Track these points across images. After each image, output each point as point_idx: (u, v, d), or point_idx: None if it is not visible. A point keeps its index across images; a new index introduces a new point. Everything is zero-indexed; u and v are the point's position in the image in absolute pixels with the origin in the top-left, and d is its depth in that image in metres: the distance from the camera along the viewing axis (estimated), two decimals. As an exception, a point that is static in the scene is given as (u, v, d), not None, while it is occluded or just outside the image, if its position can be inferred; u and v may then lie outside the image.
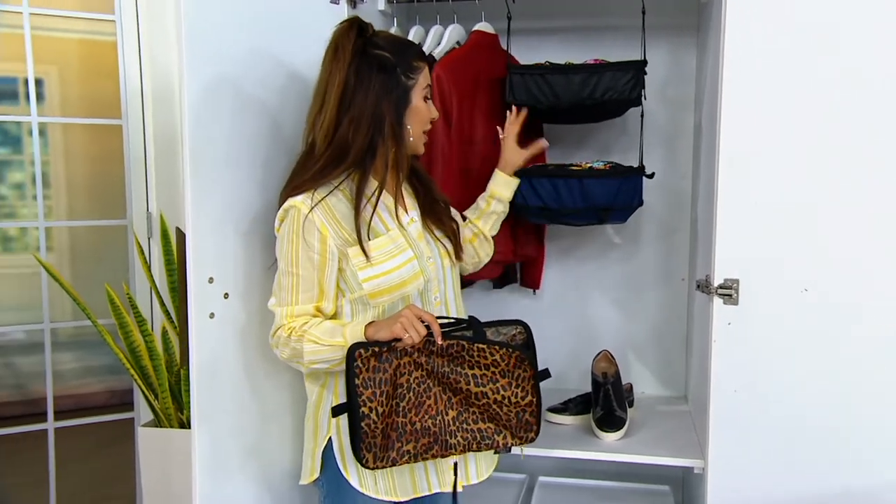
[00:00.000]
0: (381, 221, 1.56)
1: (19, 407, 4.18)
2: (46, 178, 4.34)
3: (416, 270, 1.55)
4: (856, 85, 1.62)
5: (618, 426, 1.96)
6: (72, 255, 4.29)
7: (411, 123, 1.57)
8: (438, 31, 2.07)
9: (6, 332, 4.28)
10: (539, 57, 2.12)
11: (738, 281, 1.70)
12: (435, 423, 1.50)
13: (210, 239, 1.56)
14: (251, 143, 1.64)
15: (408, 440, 1.47)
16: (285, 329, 1.51)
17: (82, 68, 4.08)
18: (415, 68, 1.56)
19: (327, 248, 1.49)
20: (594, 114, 2.02)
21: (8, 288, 4.35)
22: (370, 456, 1.44)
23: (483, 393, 1.52)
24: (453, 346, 1.49)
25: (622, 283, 2.37)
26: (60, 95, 4.25)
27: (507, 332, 1.59)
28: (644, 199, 2.25)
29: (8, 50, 2.78)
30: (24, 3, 2.68)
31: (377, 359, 1.44)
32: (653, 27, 2.17)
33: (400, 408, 1.46)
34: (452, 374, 1.50)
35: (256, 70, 1.65)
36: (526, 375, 1.54)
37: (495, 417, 1.54)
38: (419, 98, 1.57)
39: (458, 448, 1.52)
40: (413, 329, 1.44)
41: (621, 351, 2.36)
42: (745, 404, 1.72)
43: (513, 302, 2.43)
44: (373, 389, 1.43)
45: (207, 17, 1.53)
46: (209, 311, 1.57)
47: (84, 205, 4.18)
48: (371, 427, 1.43)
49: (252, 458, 1.68)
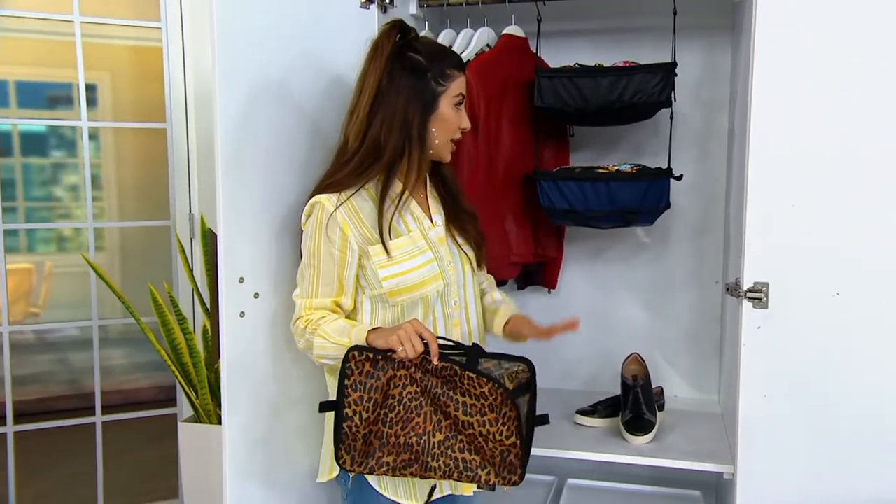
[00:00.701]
0: (404, 223, 1.59)
1: (73, 401, 4.32)
2: (99, 181, 4.49)
3: (436, 273, 1.57)
4: (891, 87, 1.58)
5: (646, 429, 1.95)
6: (122, 254, 4.42)
7: (437, 129, 1.58)
8: (468, 35, 2.09)
9: (60, 329, 4.44)
10: (569, 59, 2.13)
11: (767, 284, 1.68)
12: (419, 442, 1.46)
13: (241, 240, 1.60)
14: (284, 146, 1.68)
15: (388, 452, 1.46)
16: (303, 321, 1.55)
17: (133, 74, 4.21)
18: (447, 76, 1.57)
19: (348, 246, 1.53)
20: (623, 116, 2.01)
21: (64, 286, 4.51)
22: (348, 458, 1.46)
23: (470, 423, 1.45)
24: (447, 368, 1.45)
25: (653, 285, 2.36)
26: (112, 100, 4.39)
27: (509, 368, 1.50)
28: (676, 201, 2.24)
29: (63, 57, 2.88)
30: (74, 11, 2.77)
31: (372, 365, 1.44)
32: (687, 27, 2.15)
33: (388, 418, 1.46)
34: (444, 398, 1.45)
35: (288, 73, 1.68)
36: (511, 415, 1.43)
37: (481, 450, 1.46)
38: (448, 105, 1.58)
39: (437, 472, 1.47)
40: (409, 343, 1.43)
41: (653, 354, 2.34)
42: (774, 409, 1.69)
43: (541, 303, 2.44)
44: (361, 393, 1.44)
45: (238, 22, 1.56)
46: (239, 311, 1.61)
47: (134, 206, 4.31)
48: (352, 430, 1.45)
49: (280, 454, 1.72)
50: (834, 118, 1.61)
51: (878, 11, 1.57)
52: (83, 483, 2.88)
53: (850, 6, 1.59)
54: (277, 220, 1.67)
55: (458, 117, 1.60)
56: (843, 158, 1.62)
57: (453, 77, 1.58)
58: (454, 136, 1.61)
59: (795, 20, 1.61)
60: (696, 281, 2.31)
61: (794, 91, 1.63)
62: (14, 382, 4.45)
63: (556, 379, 2.42)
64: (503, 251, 2.05)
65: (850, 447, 1.66)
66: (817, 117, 1.62)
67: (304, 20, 1.72)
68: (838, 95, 1.61)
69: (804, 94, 1.62)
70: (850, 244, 1.63)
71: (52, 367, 4.57)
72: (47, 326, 4.56)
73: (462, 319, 1.65)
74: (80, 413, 2.96)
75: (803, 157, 1.64)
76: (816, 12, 1.60)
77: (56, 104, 4.52)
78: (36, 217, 4.58)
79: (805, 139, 1.63)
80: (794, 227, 1.65)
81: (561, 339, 2.39)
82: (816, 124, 1.62)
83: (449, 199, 1.69)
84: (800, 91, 1.62)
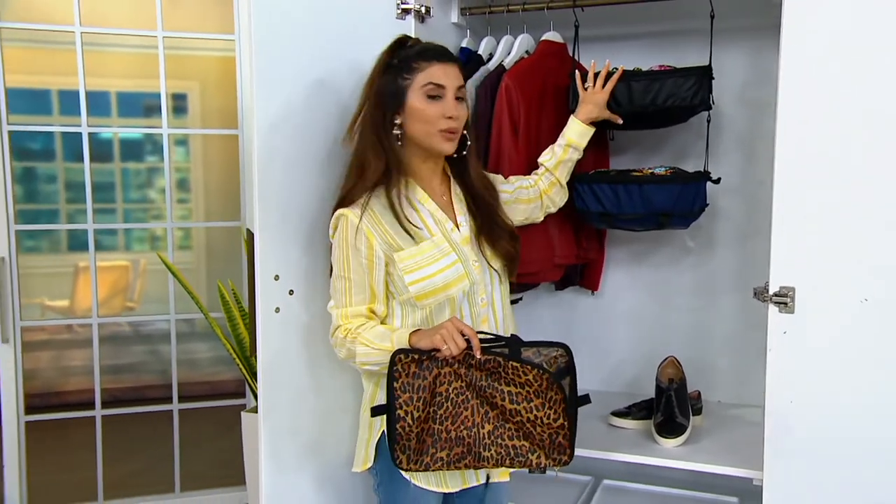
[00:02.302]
0: (426, 227, 1.65)
1: (162, 390, 4.61)
2: (187, 184, 4.78)
3: (461, 273, 1.62)
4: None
5: (677, 433, 1.95)
6: (207, 253, 4.69)
7: (411, 123, 1.62)
8: (508, 42, 2.14)
9: (152, 322, 4.73)
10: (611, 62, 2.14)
11: (793, 289, 1.66)
12: (470, 435, 1.54)
13: (276, 240, 1.71)
14: (320, 151, 1.78)
15: (442, 447, 1.53)
16: (342, 330, 1.63)
17: (220, 83, 4.46)
18: (412, 68, 1.60)
19: (374, 254, 1.60)
20: (657, 120, 2.01)
21: (156, 282, 4.81)
22: (404, 458, 1.53)
23: (517, 410, 1.53)
24: (490, 361, 1.52)
25: (698, 288, 2.34)
26: (201, 108, 4.66)
27: (548, 354, 1.57)
28: (721, 205, 2.23)
29: (157, 69, 3.10)
30: (158, 27, 2.98)
31: (417, 365, 1.51)
32: (732, 29, 2.14)
33: (437, 415, 1.53)
34: (489, 389, 1.53)
35: (325, 82, 1.78)
36: (557, 398, 1.53)
37: (529, 436, 1.55)
38: (418, 97, 1.60)
39: (490, 461, 1.55)
40: (452, 341, 1.50)
41: (696, 358, 2.32)
42: (801, 415, 1.67)
43: (585, 305, 2.46)
44: (410, 394, 1.51)
45: (274, 32, 1.67)
46: (274, 306, 1.72)
47: (218, 207, 4.55)
48: (405, 430, 1.51)
49: (313, 444, 1.82)
50: (861, 121, 1.58)
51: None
52: (167, 466, 3.09)
53: (879, 8, 1.55)
54: (311, 220, 1.77)
55: (433, 107, 1.60)
56: (871, 162, 1.58)
57: (419, 68, 1.60)
58: (441, 127, 1.61)
59: (822, 21, 1.59)
60: (741, 285, 2.28)
61: (822, 93, 1.60)
62: (112, 371, 4.81)
63: (599, 381, 2.44)
64: (547, 253, 2.08)
65: (877, 455, 1.62)
66: (845, 120, 1.59)
67: (340, 31, 1.81)
68: (867, 97, 1.57)
69: (832, 96, 1.60)
70: (878, 249, 1.59)
71: (145, 358, 4.87)
72: (133, 319, 4.89)
73: (489, 315, 1.70)
74: (169, 401, 3.20)
75: (830, 160, 1.61)
76: (844, 14, 1.57)
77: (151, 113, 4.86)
78: (132, 218, 4.90)
79: (832, 142, 1.60)
80: (820, 231, 1.62)
81: (605, 341, 2.44)
82: (844, 127, 1.59)
83: (481, 213, 1.71)
84: (827, 93, 1.60)
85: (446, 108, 1.60)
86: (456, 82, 1.62)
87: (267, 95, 1.67)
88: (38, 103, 4.70)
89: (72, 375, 4.56)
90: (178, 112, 4.79)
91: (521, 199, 1.89)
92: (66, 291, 4.64)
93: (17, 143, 4.53)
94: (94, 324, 3.01)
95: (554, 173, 1.92)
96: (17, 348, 2.80)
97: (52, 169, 4.72)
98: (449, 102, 1.61)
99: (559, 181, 1.92)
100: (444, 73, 1.60)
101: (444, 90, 1.60)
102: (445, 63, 1.61)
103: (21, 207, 4.58)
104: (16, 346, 2.80)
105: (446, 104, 1.60)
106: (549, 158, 1.92)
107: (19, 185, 4.60)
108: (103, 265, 4.74)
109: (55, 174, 4.72)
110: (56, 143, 4.55)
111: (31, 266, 4.66)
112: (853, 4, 1.57)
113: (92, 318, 3.02)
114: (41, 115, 4.69)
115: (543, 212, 1.95)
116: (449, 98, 1.61)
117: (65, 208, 4.64)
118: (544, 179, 1.92)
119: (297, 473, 1.80)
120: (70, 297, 4.64)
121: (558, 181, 1.92)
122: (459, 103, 1.63)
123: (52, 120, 4.57)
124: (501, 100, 1.96)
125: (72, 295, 4.64)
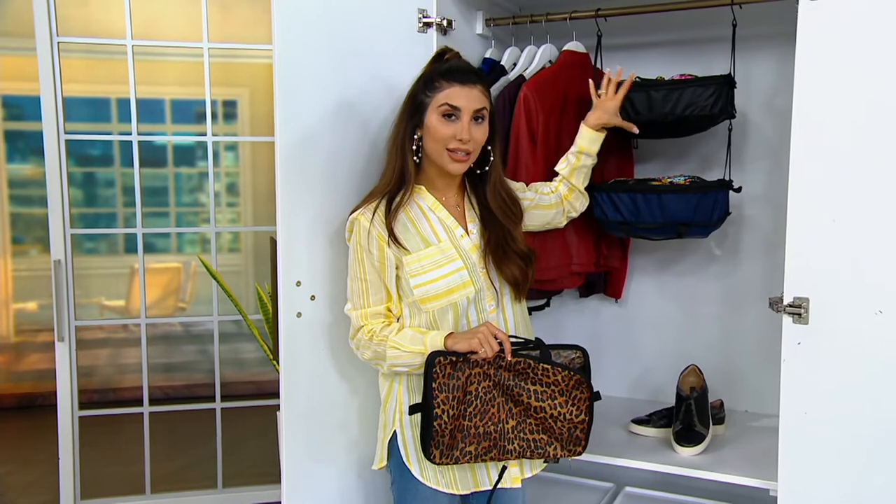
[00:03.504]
0: (434, 233, 1.71)
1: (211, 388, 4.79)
2: (236, 188, 4.94)
3: (466, 280, 1.68)
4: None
5: (696, 441, 1.97)
6: (255, 255, 4.84)
7: (426, 140, 1.68)
8: (531, 52, 2.18)
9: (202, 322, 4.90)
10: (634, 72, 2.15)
11: (808, 299, 1.66)
12: (496, 430, 1.66)
13: (298, 246, 1.79)
14: (342, 160, 1.85)
15: (470, 442, 1.64)
16: (366, 332, 1.70)
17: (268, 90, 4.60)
18: (434, 87, 1.66)
19: (385, 256, 1.68)
20: (677, 129, 2.02)
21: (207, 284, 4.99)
22: (437, 452, 1.62)
23: (542, 408, 1.67)
24: (521, 363, 1.66)
25: (724, 297, 2.33)
26: (250, 114, 4.82)
27: (566, 355, 1.74)
28: (747, 213, 2.23)
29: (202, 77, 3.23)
30: (204, 39, 3.10)
31: (453, 367, 1.61)
32: (760, 36, 2.15)
33: (467, 413, 1.63)
34: (516, 388, 1.66)
35: (347, 93, 1.84)
36: (583, 397, 1.69)
37: (549, 430, 1.69)
38: (434, 116, 1.66)
39: (514, 454, 1.68)
40: (488, 345, 1.60)
41: (723, 367, 2.33)
42: (815, 427, 1.67)
43: (610, 313, 2.48)
44: (446, 394, 1.61)
45: (297, 43, 1.75)
46: (296, 311, 1.80)
47: (265, 211, 4.70)
48: (442, 427, 1.61)
49: (336, 445, 1.90)
50: (876, 129, 1.57)
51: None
52: (211, 462, 3.22)
53: (893, 14, 1.55)
54: (333, 228, 1.84)
55: (446, 128, 1.64)
56: (887, 171, 1.57)
57: (440, 88, 1.65)
58: (449, 146, 1.65)
59: (838, 28, 1.59)
60: (768, 294, 2.25)
61: (838, 101, 1.60)
62: (164, 369, 4.99)
63: (625, 388, 2.46)
64: (564, 261, 2.12)
65: (893, 468, 1.61)
66: (860, 127, 1.59)
67: (362, 45, 1.87)
68: (881, 106, 1.57)
69: (848, 104, 1.60)
70: (894, 261, 1.58)
71: (196, 357, 5.05)
72: (182, 319, 5.05)
73: (500, 321, 1.75)
74: (221, 399, 3.30)
75: (845, 169, 1.60)
76: (861, 21, 1.57)
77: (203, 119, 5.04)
78: (184, 221, 5.08)
79: (847, 150, 1.60)
80: (836, 241, 1.62)
81: (630, 349, 2.46)
82: (859, 134, 1.59)
83: (491, 228, 1.75)
84: (843, 101, 1.60)
85: (459, 129, 1.64)
86: (475, 104, 1.65)
87: (289, 106, 1.75)
88: (98, 111, 4.92)
89: (128, 373, 4.77)
90: (228, 118, 4.97)
91: (543, 205, 1.93)
92: (123, 291, 4.86)
93: (78, 150, 4.77)
94: (142, 324, 3.15)
95: (570, 180, 1.95)
96: (72, 347, 2.93)
97: (111, 174, 4.95)
98: (463, 124, 1.64)
99: (577, 187, 1.96)
100: (462, 95, 1.64)
101: (460, 112, 1.64)
102: (466, 85, 1.65)
103: (81, 211, 4.83)
104: (71, 344, 2.93)
105: (460, 126, 1.64)
106: (564, 167, 1.96)
107: (80, 189, 4.85)
108: (157, 267, 4.95)
109: (113, 179, 4.94)
110: (114, 149, 4.76)
111: (90, 267, 4.91)
112: (871, 11, 1.57)
113: (141, 318, 3.15)
114: (101, 123, 4.92)
115: (566, 217, 2.00)
116: (464, 120, 1.64)
117: (122, 212, 4.86)
118: (564, 185, 1.96)
119: (320, 470, 1.88)
120: (126, 297, 4.86)
121: (576, 187, 1.96)
122: (477, 124, 1.67)
123: (110, 127, 4.80)
124: (520, 109, 2.00)
125: (128, 295, 4.86)
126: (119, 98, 4.60)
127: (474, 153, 1.70)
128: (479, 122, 1.68)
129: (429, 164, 1.74)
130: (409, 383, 1.73)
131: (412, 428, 1.71)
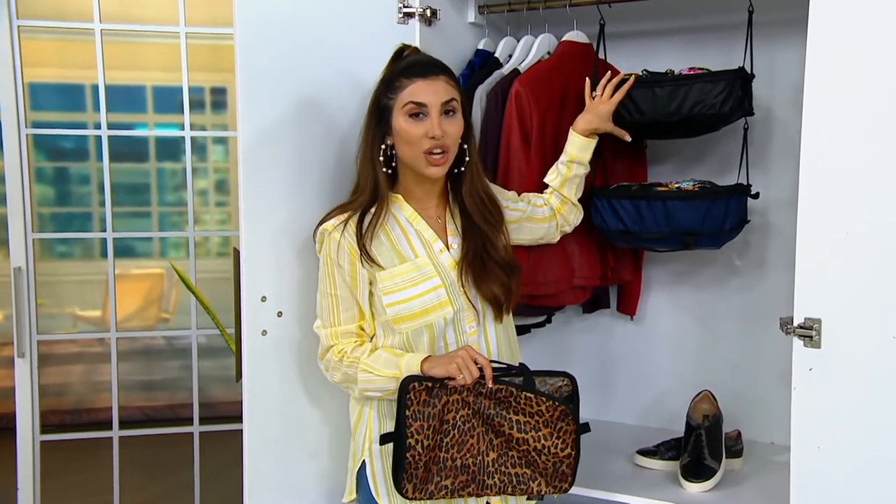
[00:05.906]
0: (411, 248, 1.79)
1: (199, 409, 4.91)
2: (226, 186, 5.05)
3: (443, 300, 1.76)
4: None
5: (704, 476, 2.03)
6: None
7: (398, 145, 1.76)
8: (527, 43, 2.24)
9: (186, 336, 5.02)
10: (650, 62, 2.21)
11: (820, 321, 1.71)
12: (475, 462, 1.73)
13: (263, 259, 1.89)
14: (309, 165, 1.94)
15: (447, 475, 1.71)
16: (336, 352, 1.79)
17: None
18: (395, 87, 1.73)
19: (357, 271, 1.76)
20: (684, 129, 2.07)
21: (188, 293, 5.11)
22: (410, 486, 1.69)
23: (524, 439, 1.73)
24: (502, 390, 1.71)
25: (747, 314, 2.38)
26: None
27: (553, 383, 1.78)
28: (771, 220, 2.27)
29: (193, 61, 3.32)
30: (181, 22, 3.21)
31: (428, 393, 1.68)
32: (785, 21, 2.18)
33: (444, 443, 1.70)
34: (497, 417, 1.72)
35: (318, 91, 1.94)
36: (568, 429, 1.74)
37: (533, 464, 1.75)
38: (400, 117, 1.72)
39: (493, 489, 1.74)
40: (467, 370, 1.67)
41: (745, 393, 2.38)
42: (829, 462, 1.71)
43: (624, 330, 2.55)
44: (421, 422, 1.67)
45: (261, 38, 1.84)
46: (262, 329, 1.90)
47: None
48: (415, 458, 1.67)
49: (305, 476, 2.00)
50: (893, 137, 1.62)
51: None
52: (187, 494, 3.28)
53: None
54: (300, 240, 1.93)
55: (415, 127, 1.70)
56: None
57: (402, 86, 1.72)
58: (424, 147, 1.70)
59: (850, 26, 1.64)
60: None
61: (851, 112, 1.65)
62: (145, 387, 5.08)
63: (635, 415, 2.53)
64: (565, 274, 2.18)
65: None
66: (875, 136, 1.63)
67: (334, 37, 1.96)
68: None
69: (861, 115, 1.64)
70: (912, 280, 1.63)
71: (180, 374, 5.16)
72: (159, 333, 5.13)
73: (481, 345, 1.82)
74: (205, 422, 3.39)
75: (861, 184, 1.65)
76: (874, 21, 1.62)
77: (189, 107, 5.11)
78: (168, 222, 5.18)
79: (862, 160, 1.65)
80: (850, 259, 1.67)
81: (642, 371, 2.52)
82: (874, 144, 1.63)
83: (470, 235, 1.82)
84: (856, 112, 1.64)
85: (429, 126, 1.70)
86: (442, 97, 1.72)
87: (252, 106, 1.85)
88: (70, 99, 5.04)
89: (103, 391, 4.87)
90: (217, 107, 5.08)
91: (536, 218, 2.01)
92: (99, 301, 4.97)
93: (49, 143, 4.91)
94: (112, 338, 3.26)
95: (562, 192, 2.02)
96: (33, 363, 2.98)
97: (86, 169, 5.07)
98: (433, 120, 1.70)
99: (570, 199, 2.03)
100: (426, 90, 1.71)
101: (427, 107, 1.70)
102: (429, 77, 1.72)
103: (52, 210, 4.97)
104: (32, 361, 2.97)
105: (429, 122, 1.70)
106: (554, 177, 2.03)
107: (51, 186, 4.99)
108: (137, 273, 5.06)
109: (89, 175, 5.06)
110: (89, 143, 4.87)
111: (62, 273, 5.04)
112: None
113: (111, 332, 3.27)
114: (75, 112, 5.03)
115: (559, 232, 2.07)
116: (433, 115, 1.70)
117: (97, 211, 4.99)
118: (555, 197, 2.03)
119: (287, 503, 1.98)
120: (102, 306, 4.97)
121: (569, 199, 2.03)
122: (449, 118, 1.73)
123: (85, 117, 4.93)
124: (511, 107, 2.07)
125: (104, 304, 4.97)
126: (94, 84, 4.74)
127: (451, 151, 1.75)
128: (450, 115, 1.74)
129: (405, 172, 1.81)
130: (381, 409, 1.81)
131: (382, 458, 1.79)
